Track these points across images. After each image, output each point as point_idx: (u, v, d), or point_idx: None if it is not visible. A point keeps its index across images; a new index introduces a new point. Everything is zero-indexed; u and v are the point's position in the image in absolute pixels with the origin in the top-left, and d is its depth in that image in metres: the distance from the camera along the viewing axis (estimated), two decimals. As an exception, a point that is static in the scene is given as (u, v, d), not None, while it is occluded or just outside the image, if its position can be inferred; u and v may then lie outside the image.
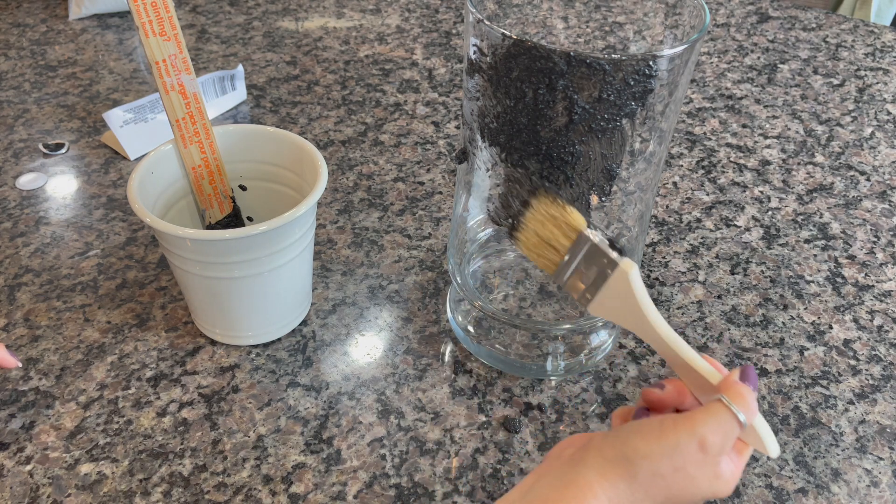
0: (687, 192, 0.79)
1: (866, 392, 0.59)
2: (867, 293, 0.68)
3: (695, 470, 0.36)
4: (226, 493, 0.51)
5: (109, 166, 0.80)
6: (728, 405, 0.36)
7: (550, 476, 0.38)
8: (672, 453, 0.36)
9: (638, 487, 0.36)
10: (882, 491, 0.52)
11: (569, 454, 0.39)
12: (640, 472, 0.36)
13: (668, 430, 0.36)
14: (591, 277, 0.43)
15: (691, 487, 0.36)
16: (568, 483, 0.36)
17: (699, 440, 0.36)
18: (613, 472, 0.36)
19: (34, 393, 0.57)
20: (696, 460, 0.36)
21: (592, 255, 0.42)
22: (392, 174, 0.79)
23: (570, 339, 0.60)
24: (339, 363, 0.60)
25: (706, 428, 0.36)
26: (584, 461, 0.37)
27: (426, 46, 1.02)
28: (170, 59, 0.55)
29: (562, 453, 0.40)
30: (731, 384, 0.37)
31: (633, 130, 0.46)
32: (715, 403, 0.37)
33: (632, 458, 0.36)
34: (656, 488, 0.36)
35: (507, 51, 0.43)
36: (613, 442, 0.37)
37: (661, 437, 0.36)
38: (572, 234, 0.43)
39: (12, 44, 1.00)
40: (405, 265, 0.68)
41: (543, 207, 0.44)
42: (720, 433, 0.36)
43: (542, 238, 0.44)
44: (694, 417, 0.36)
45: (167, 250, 0.55)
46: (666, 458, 0.36)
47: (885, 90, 0.97)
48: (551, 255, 0.44)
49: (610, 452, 0.37)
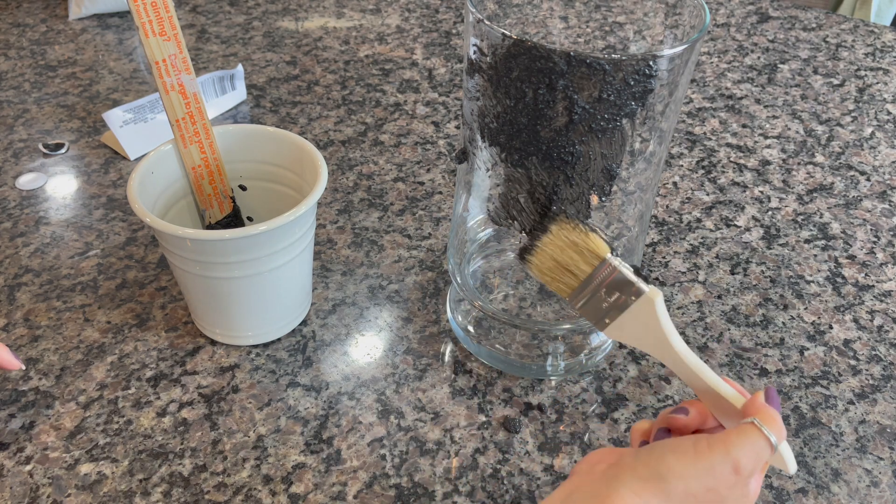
0: (687, 192, 0.79)
1: (866, 392, 0.59)
2: (867, 293, 0.68)
3: (726, 491, 0.37)
4: (226, 493, 0.51)
5: (109, 166, 0.80)
6: (760, 428, 0.37)
7: (582, 492, 0.38)
8: (706, 475, 0.36)
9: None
10: (882, 491, 0.52)
11: (601, 470, 0.39)
12: (673, 491, 0.36)
13: (704, 451, 0.37)
14: (610, 303, 0.44)
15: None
16: (602, 500, 0.37)
17: (733, 463, 0.36)
18: (647, 490, 0.37)
19: (34, 393, 0.57)
20: (728, 482, 0.37)
21: (616, 281, 0.43)
22: (392, 174, 0.79)
23: (570, 339, 0.60)
24: (339, 363, 0.60)
25: (741, 451, 0.37)
26: (618, 478, 0.37)
27: (426, 46, 1.02)
28: (170, 59, 0.55)
29: (592, 469, 0.40)
30: (761, 407, 0.38)
31: (633, 130, 0.46)
32: (748, 426, 0.37)
33: (667, 477, 0.37)
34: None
35: (507, 51, 0.43)
36: (647, 460, 0.38)
37: (696, 458, 0.37)
38: (594, 261, 0.44)
39: (12, 44, 1.00)
40: (405, 265, 0.68)
41: (564, 233, 0.44)
42: (753, 456, 0.37)
43: (560, 263, 0.45)
44: (728, 440, 0.37)
45: (167, 250, 0.55)
46: (700, 478, 0.36)
47: (886, 90, 0.97)
48: (568, 279, 0.45)
49: (644, 471, 0.37)
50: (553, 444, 0.54)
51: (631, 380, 0.59)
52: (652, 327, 0.43)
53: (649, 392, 0.58)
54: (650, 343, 0.43)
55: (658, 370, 0.60)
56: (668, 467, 0.37)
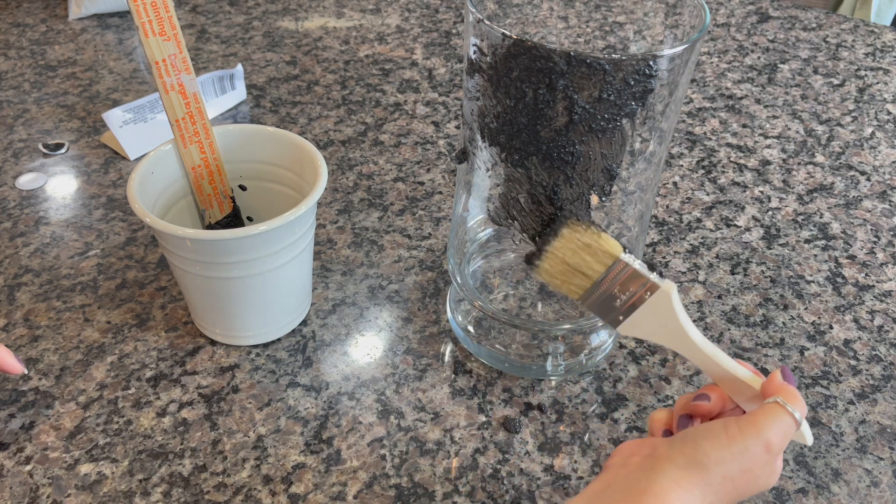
0: (687, 192, 0.79)
1: (866, 392, 0.59)
2: (867, 293, 0.68)
3: (759, 470, 0.38)
4: (226, 494, 0.51)
5: (109, 166, 0.80)
6: (785, 406, 0.39)
7: (620, 484, 0.39)
8: (741, 456, 0.38)
9: (710, 491, 0.38)
10: (882, 491, 0.52)
11: (636, 462, 0.40)
12: (713, 477, 0.38)
13: (736, 435, 0.38)
14: (624, 300, 0.44)
15: (753, 485, 0.39)
16: (642, 490, 0.37)
17: (765, 442, 0.38)
18: (687, 478, 0.37)
19: (34, 393, 0.57)
20: (761, 461, 0.38)
21: (630, 279, 0.44)
22: (392, 174, 0.79)
23: (570, 339, 0.60)
24: (339, 363, 0.60)
25: (770, 431, 0.38)
26: (656, 469, 0.38)
27: (426, 46, 1.02)
28: (169, 59, 0.55)
29: (627, 462, 0.40)
30: (781, 386, 0.40)
31: (634, 130, 0.46)
32: (773, 406, 0.39)
33: (704, 463, 0.38)
34: (725, 490, 0.38)
35: (507, 51, 0.43)
36: (682, 449, 0.39)
37: (729, 442, 0.38)
38: (608, 260, 0.44)
39: (12, 44, 1.00)
40: (405, 265, 0.68)
41: (577, 236, 0.45)
42: (781, 433, 0.38)
43: (572, 266, 0.45)
44: (758, 421, 0.38)
45: (167, 250, 0.55)
46: (736, 461, 0.38)
47: (886, 90, 0.97)
48: (579, 280, 0.45)
49: (681, 460, 0.38)
50: (553, 444, 0.54)
51: (631, 380, 0.59)
52: (668, 320, 0.43)
53: (649, 392, 0.58)
54: (665, 335, 0.44)
55: (658, 370, 0.60)
56: (704, 454, 0.38)
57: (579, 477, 0.52)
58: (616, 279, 0.44)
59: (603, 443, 0.55)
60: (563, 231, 0.45)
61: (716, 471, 0.37)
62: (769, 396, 0.40)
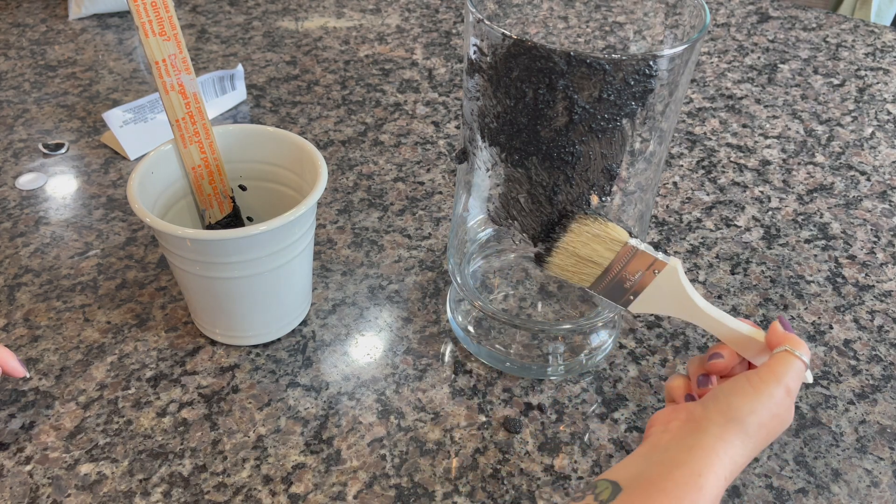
0: (687, 192, 0.79)
1: (867, 392, 0.59)
2: (867, 293, 0.68)
3: (784, 412, 0.42)
4: (226, 494, 0.51)
5: (109, 166, 0.80)
6: (793, 352, 0.43)
7: (668, 444, 0.42)
8: (768, 403, 0.42)
9: (748, 440, 0.41)
10: (882, 491, 0.52)
11: (676, 426, 0.43)
12: (749, 427, 0.41)
13: (759, 385, 0.42)
14: (634, 281, 0.47)
15: (780, 426, 0.43)
16: (691, 446, 0.41)
17: (785, 387, 0.42)
18: (729, 432, 0.41)
19: (34, 393, 0.57)
20: (785, 404, 0.42)
21: (639, 260, 0.47)
22: (392, 174, 0.79)
23: (570, 339, 0.60)
24: (339, 363, 0.60)
25: (788, 375, 0.42)
26: (700, 429, 0.42)
27: (426, 46, 1.02)
28: (169, 59, 0.55)
29: (667, 427, 0.44)
30: (785, 336, 0.44)
31: (633, 130, 0.46)
32: (784, 354, 0.43)
33: (739, 417, 0.41)
34: (760, 436, 0.42)
35: (507, 51, 0.43)
36: (716, 407, 0.42)
37: (756, 393, 0.42)
38: (616, 247, 0.47)
39: (12, 44, 1.00)
40: (405, 265, 0.68)
41: (586, 229, 0.47)
42: (796, 376, 0.43)
43: (582, 257, 0.48)
44: (775, 369, 0.43)
45: (167, 250, 0.55)
46: (765, 409, 0.42)
47: (886, 90, 0.97)
48: (590, 269, 0.48)
49: (718, 417, 0.42)
50: (553, 444, 0.54)
51: (631, 380, 0.59)
52: (677, 293, 0.47)
53: (649, 392, 0.58)
54: (674, 307, 0.48)
55: (658, 370, 0.60)
56: (737, 409, 0.42)
57: (579, 477, 0.52)
58: (626, 263, 0.47)
59: (603, 443, 0.55)
60: (572, 226, 0.48)
61: (750, 421, 0.41)
62: (775, 347, 0.44)
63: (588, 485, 0.46)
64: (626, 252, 0.47)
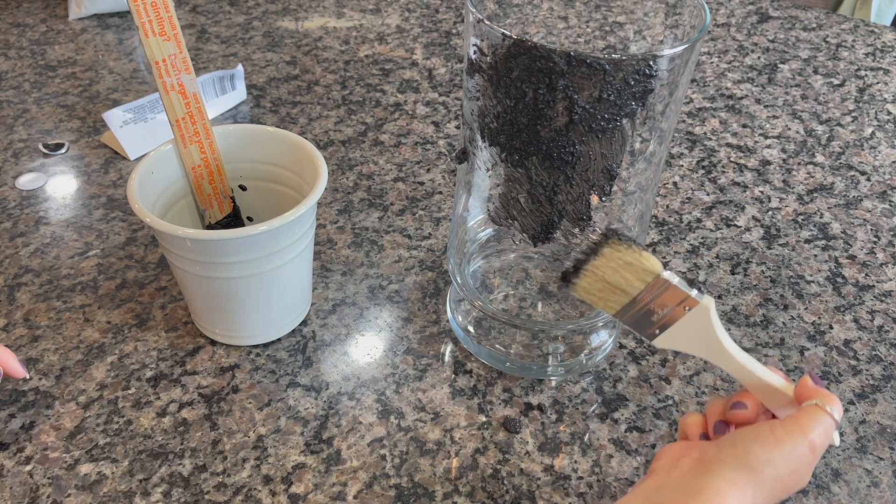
0: (687, 192, 0.79)
1: (867, 392, 0.59)
2: (867, 293, 0.68)
3: (804, 469, 0.40)
4: (226, 494, 0.51)
5: (109, 166, 0.80)
6: (824, 408, 0.41)
7: (674, 484, 0.40)
8: (789, 457, 0.40)
9: (760, 491, 0.39)
10: (882, 491, 0.52)
11: (687, 464, 0.41)
12: (763, 477, 0.39)
13: (783, 437, 0.40)
14: (662, 315, 0.45)
15: (796, 484, 0.41)
16: (698, 489, 0.39)
17: (810, 443, 0.40)
18: (740, 479, 0.39)
19: (34, 393, 0.57)
20: (806, 461, 0.40)
21: (670, 295, 0.44)
22: (392, 174, 0.79)
23: (570, 339, 0.60)
24: (339, 363, 0.60)
25: (814, 431, 0.40)
26: (710, 470, 0.40)
27: (426, 46, 1.02)
28: (170, 59, 0.55)
29: (677, 464, 0.42)
30: (815, 390, 0.42)
31: (634, 130, 0.46)
32: (814, 408, 0.41)
33: (755, 465, 0.39)
34: (775, 489, 0.40)
35: (508, 51, 0.43)
36: (732, 451, 0.40)
37: (778, 444, 0.40)
38: (647, 277, 0.44)
39: (12, 44, 1.00)
40: (405, 265, 0.68)
41: (618, 255, 0.45)
42: (823, 433, 0.40)
43: (611, 284, 0.45)
44: (802, 422, 0.40)
45: (167, 250, 0.55)
46: (785, 462, 0.40)
47: (886, 90, 0.97)
48: (617, 297, 0.46)
49: (732, 461, 0.40)
50: (553, 444, 0.54)
51: (631, 380, 0.59)
52: (707, 333, 0.44)
53: (649, 392, 0.58)
54: (701, 348, 0.45)
55: (658, 370, 0.60)
56: (755, 456, 0.39)
57: (579, 477, 0.52)
58: (656, 295, 0.45)
59: (603, 443, 0.55)
60: (604, 250, 0.45)
61: (766, 471, 0.39)
62: (803, 401, 0.42)
63: None
64: (658, 284, 0.44)
